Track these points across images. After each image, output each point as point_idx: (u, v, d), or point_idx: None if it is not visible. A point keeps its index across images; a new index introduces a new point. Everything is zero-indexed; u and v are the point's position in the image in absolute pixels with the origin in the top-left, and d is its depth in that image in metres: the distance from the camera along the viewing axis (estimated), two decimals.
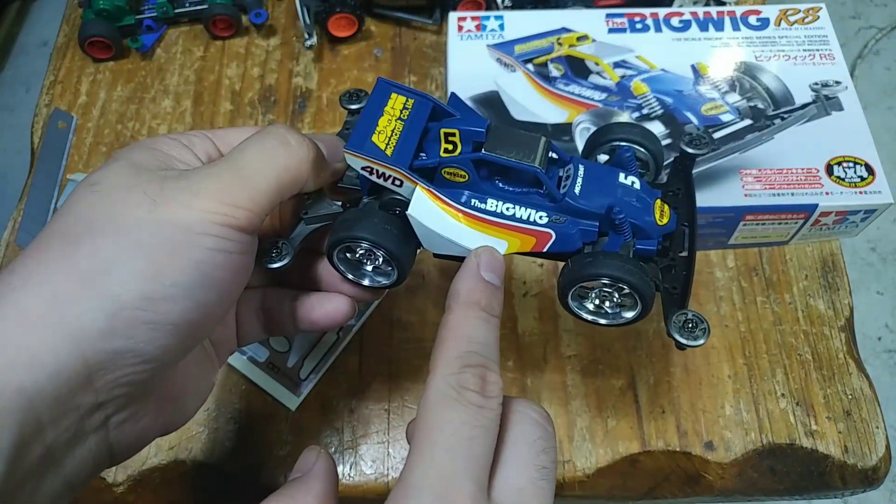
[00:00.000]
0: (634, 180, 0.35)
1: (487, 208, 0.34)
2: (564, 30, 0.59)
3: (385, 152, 0.33)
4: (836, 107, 0.54)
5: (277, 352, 0.51)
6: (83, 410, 0.26)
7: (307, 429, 0.49)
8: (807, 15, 0.59)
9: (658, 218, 0.34)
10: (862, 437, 0.48)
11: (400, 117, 0.34)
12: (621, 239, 0.33)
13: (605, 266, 0.31)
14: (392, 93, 0.35)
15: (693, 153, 0.38)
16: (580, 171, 0.35)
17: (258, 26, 0.67)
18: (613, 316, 0.34)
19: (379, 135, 0.33)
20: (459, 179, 0.34)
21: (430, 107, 0.35)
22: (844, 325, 0.52)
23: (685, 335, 0.32)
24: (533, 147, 0.34)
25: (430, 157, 0.34)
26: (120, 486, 0.47)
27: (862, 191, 0.50)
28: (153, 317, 0.27)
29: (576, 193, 0.34)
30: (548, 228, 0.34)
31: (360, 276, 0.37)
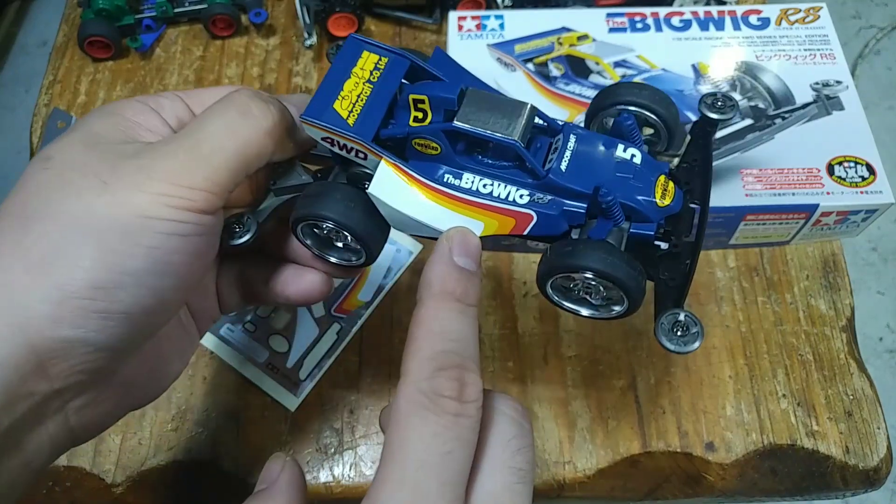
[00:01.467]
0: (635, 153, 0.31)
1: (462, 185, 0.31)
2: (565, 29, 0.59)
3: (347, 121, 0.29)
4: (837, 106, 0.53)
5: (277, 352, 0.51)
6: (39, 397, 0.26)
7: (307, 429, 0.48)
8: (807, 14, 0.58)
9: (659, 197, 0.30)
10: (863, 437, 0.48)
11: (369, 79, 0.30)
12: (610, 223, 0.29)
13: (584, 257, 0.28)
14: (364, 50, 0.31)
15: (715, 118, 0.33)
16: (570, 143, 0.31)
17: (258, 26, 0.67)
18: (600, 308, 0.31)
19: (342, 100, 0.30)
20: (431, 152, 0.30)
21: (405, 66, 0.31)
22: (845, 325, 0.52)
23: (674, 340, 0.28)
24: (514, 115, 0.29)
25: (399, 127, 0.31)
26: (119, 487, 0.47)
27: (863, 191, 0.50)
28: (103, 305, 0.26)
29: (561, 170, 0.30)
30: (529, 209, 0.30)
31: (328, 253, 0.34)
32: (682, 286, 0.30)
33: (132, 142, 0.29)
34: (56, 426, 0.27)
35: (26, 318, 0.25)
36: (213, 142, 0.28)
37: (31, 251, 0.26)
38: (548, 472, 0.47)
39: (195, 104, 0.32)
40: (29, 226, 0.26)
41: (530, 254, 0.54)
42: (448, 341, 0.27)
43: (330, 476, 0.47)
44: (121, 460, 0.47)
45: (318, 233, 0.33)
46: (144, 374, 0.31)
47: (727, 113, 0.32)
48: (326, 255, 0.35)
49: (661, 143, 0.34)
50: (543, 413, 0.48)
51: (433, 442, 0.24)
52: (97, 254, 0.26)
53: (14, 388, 0.25)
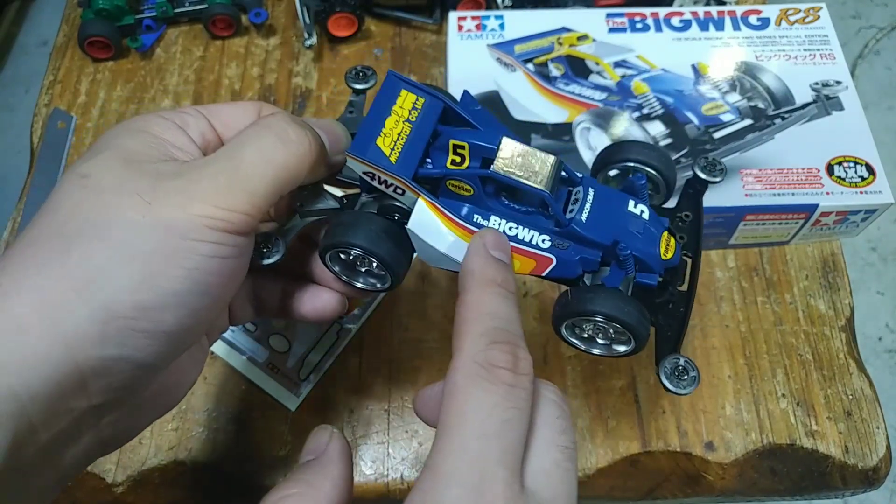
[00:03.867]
0: (644, 209, 0.34)
1: (490, 226, 0.33)
2: (564, 29, 0.59)
3: (389, 159, 0.31)
4: (837, 107, 0.54)
5: (277, 352, 0.51)
6: (77, 413, 0.26)
7: (307, 429, 0.48)
8: (807, 14, 0.58)
9: (663, 252, 0.32)
10: (862, 437, 0.48)
11: (408, 119, 0.32)
12: (623, 273, 0.32)
13: (604, 305, 0.30)
14: (402, 89, 0.33)
15: (706, 180, 0.36)
16: (589, 196, 0.33)
17: (258, 26, 0.67)
18: (605, 347, 0.34)
19: (384, 138, 0.32)
20: (464, 193, 0.33)
21: (440, 108, 0.33)
22: (845, 325, 0.52)
23: (674, 382, 0.31)
24: (543, 167, 0.32)
25: (436, 167, 0.33)
26: (119, 487, 0.47)
27: (862, 191, 0.50)
28: (146, 325, 0.26)
29: (582, 220, 0.32)
30: (549, 253, 0.32)
31: (353, 278, 0.36)
32: (679, 332, 0.33)
33: (167, 160, 0.29)
34: (90, 439, 0.28)
35: (73, 336, 0.25)
36: (252, 166, 0.29)
37: (76, 271, 0.26)
38: None
39: (217, 121, 0.33)
40: (72, 245, 0.26)
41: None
42: (498, 319, 0.27)
43: None
44: (121, 460, 0.47)
45: (343, 258, 0.35)
46: (166, 387, 0.32)
47: (717, 176, 0.37)
48: (353, 282, 0.36)
49: (660, 197, 0.37)
50: None
51: (493, 411, 0.25)
52: (142, 275, 0.26)
53: (55, 405, 0.25)
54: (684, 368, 0.31)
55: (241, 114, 0.33)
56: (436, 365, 0.50)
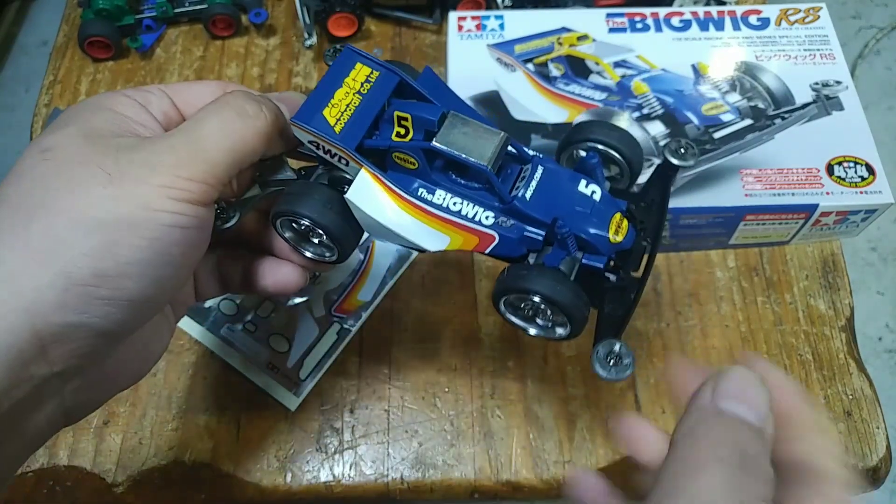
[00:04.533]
0: (595, 189, 0.33)
1: (434, 200, 0.33)
2: (565, 29, 0.59)
3: (334, 129, 0.31)
4: (837, 106, 0.53)
5: (277, 352, 0.51)
6: (38, 380, 0.26)
7: (307, 429, 0.48)
8: (807, 14, 0.58)
9: (612, 234, 0.32)
10: (862, 437, 0.48)
11: (359, 91, 0.32)
12: (563, 253, 0.31)
13: (536, 282, 0.30)
14: (357, 62, 0.33)
15: (676, 164, 0.35)
16: (537, 174, 0.33)
17: (258, 26, 0.67)
18: (544, 329, 0.33)
19: (332, 108, 0.31)
20: (409, 166, 0.33)
21: (394, 82, 0.33)
22: (845, 325, 0.52)
23: (607, 368, 0.30)
24: (488, 142, 0.32)
25: (382, 139, 0.33)
26: (119, 487, 0.47)
27: (862, 191, 0.50)
28: (106, 293, 0.27)
29: (525, 198, 0.32)
30: (492, 230, 0.32)
31: (304, 247, 0.36)
32: (624, 318, 0.32)
33: (127, 135, 0.30)
34: (53, 407, 0.28)
35: (32, 303, 0.25)
36: (211, 138, 0.30)
37: (36, 241, 0.26)
38: (548, 472, 0.47)
39: (179, 100, 0.33)
40: (33, 216, 0.27)
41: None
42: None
43: (330, 475, 0.47)
44: (121, 460, 0.47)
45: (296, 228, 0.35)
46: (131, 358, 0.32)
47: (688, 160, 0.35)
48: (302, 249, 0.36)
49: (623, 181, 0.37)
50: (543, 413, 0.49)
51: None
52: (102, 244, 0.27)
53: (16, 372, 0.25)
54: (619, 354, 0.30)
55: (204, 92, 0.33)
56: (436, 365, 0.50)
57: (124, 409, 0.49)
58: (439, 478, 0.47)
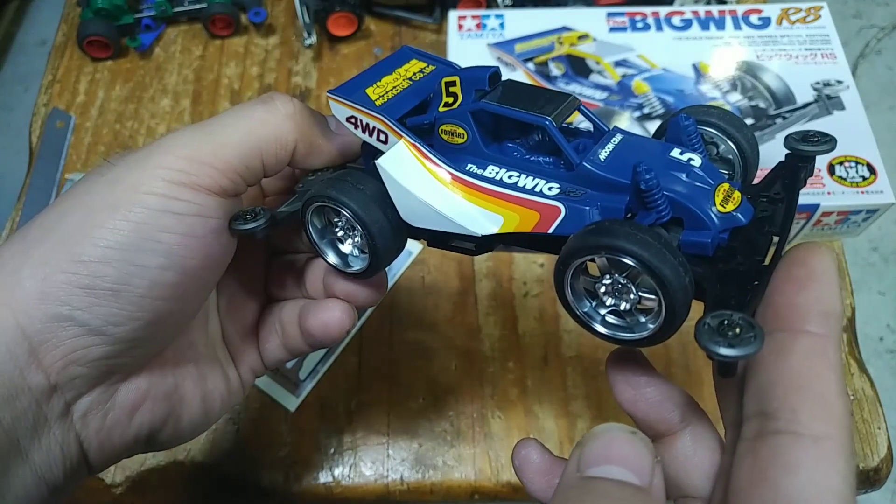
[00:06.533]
0: (693, 157, 0.25)
1: (487, 174, 0.27)
2: (565, 28, 0.58)
3: (374, 102, 0.28)
4: (838, 106, 0.53)
5: None
6: (38, 392, 0.25)
7: (306, 430, 0.48)
8: (808, 14, 0.58)
9: (719, 203, 0.24)
10: (863, 437, 0.48)
11: (410, 78, 0.30)
12: (653, 215, 0.24)
13: (609, 234, 0.22)
14: (413, 58, 0.31)
15: (810, 151, 0.26)
16: (615, 139, 0.27)
17: (257, 25, 0.67)
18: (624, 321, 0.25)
19: (376, 88, 0.29)
20: (458, 140, 0.28)
21: (451, 74, 0.29)
22: (846, 325, 0.52)
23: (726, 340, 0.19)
24: (553, 102, 0.26)
25: (428, 115, 0.29)
26: (119, 487, 0.46)
27: (864, 191, 0.50)
28: (87, 281, 0.25)
29: (599, 159, 0.26)
30: (557, 202, 0.25)
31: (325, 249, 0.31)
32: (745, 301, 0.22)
33: None
34: (62, 433, 0.26)
35: (12, 296, 0.24)
36: (225, 121, 0.28)
37: (30, 234, 0.26)
38: None
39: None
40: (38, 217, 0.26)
41: (530, 254, 0.54)
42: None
43: (330, 476, 0.47)
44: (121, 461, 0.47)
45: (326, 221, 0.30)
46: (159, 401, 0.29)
47: (823, 145, 0.26)
48: (323, 251, 0.31)
49: (735, 177, 0.28)
50: (544, 413, 0.48)
51: None
52: (83, 228, 0.25)
53: (12, 378, 0.24)
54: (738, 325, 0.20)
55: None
56: (436, 365, 0.50)
57: None
58: (439, 479, 0.47)
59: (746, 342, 0.19)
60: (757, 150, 0.28)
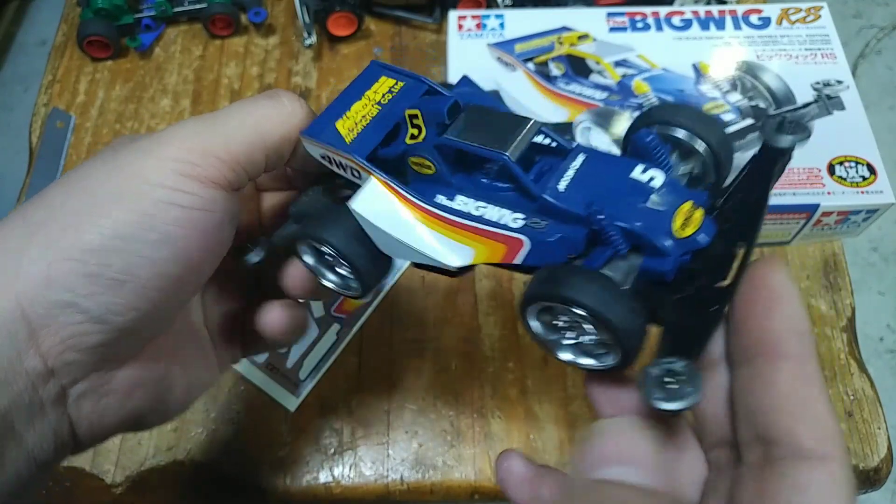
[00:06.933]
0: (655, 175, 0.26)
1: (454, 206, 0.28)
2: (565, 28, 0.58)
3: (344, 139, 0.28)
4: (838, 106, 0.53)
5: (276, 352, 0.50)
6: (34, 376, 0.25)
7: (306, 430, 0.48)
8: (808, 14, 0.58)
9: (678, 227, 0.24)
10: (864, 437, 0.48)
11: (379, 101, 0.29)
12: (609, 251, 0.24)
13: (560, 284, 0.23)
14: (382, 75, 0.30)
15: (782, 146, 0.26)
16: (576, 162, 0.27)
17: (257, 25, 0.67)
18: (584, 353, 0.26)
19: (346, 120, 0.29)
20: (427, 171, 0.28)
21: (422, 90, 0.30)
22: (846, 325, 0.52)
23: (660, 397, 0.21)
24: (513, 131, 0.26)
25: (397, 146, 0.29)
26: (119, 487, 0.46)
27: (864, 191, 0.50)
28: (94, 269, 0.25)
29: (558, 189, 0.26)
30: (521, 234, 0.26)
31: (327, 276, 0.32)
32: (699, 338, 0.23)
33: None
34: (57, 417, 0.27)
35: (17, 278, 0.24)
36: (233, 113, 0.28)
37: (32, 216, 0.26)
38: None
39: None
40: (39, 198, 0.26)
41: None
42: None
43: (330, 476, 0.47)
44: (120, 460, 0.47)
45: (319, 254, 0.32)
46: (150, 387, 0.30)
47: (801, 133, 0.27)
48: (324, 278, 0.32)
49: (708, 176, 0.28)
50: (544, 414, 0.48)
51: None
52: (91, 217, 0.25)
53: (11, 360, 0.24)
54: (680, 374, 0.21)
55: None
56: (436, 365, 0.50)
57: None
58: (439, 479, 0.47)
59: (684, 396, 0.20)
60: (730, 149, 0.28)
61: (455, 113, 0.28)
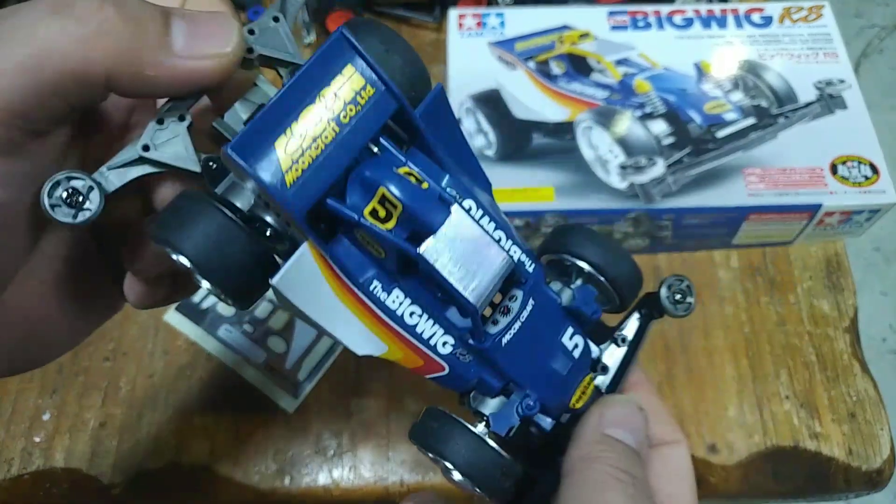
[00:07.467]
0: (578, 343, 0.29)
1: (387, 303, 0.25)
2: (566, 27, 0.58)
3: (284, 178, 0.21)
4: (840, 105, 0.53)
5: (275, 353, 0.50)
6: None
7: (305, 431, 0.48)
8: (810, 13, 0.58)
9: (575, 400, 0.29)
10: (866, 438, 0.47)
11: (338, 117, 0.22)
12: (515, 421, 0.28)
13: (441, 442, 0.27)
14: (349, 63, 0.23)
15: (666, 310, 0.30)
16: (525, 312, 0.27)
17: None
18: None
19: (289, 140, 0.22)
20: (373, 252, 0.24)
21: (391, 110, 0.24)
22: (849, 325, 0.51)
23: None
24: (485, 268, 0.24)
25: (351, 206, 0.23)
26: (116, 489, 0.46)
27: (866, 190, 0.49)
28: None
29: (502, 344, 0.26)
30: (444, 361, 0.26)
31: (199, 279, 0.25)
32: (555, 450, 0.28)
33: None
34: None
35: None
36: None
37: None
38: None
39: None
40: None
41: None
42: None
43: (329, 478, 0.46)
44: (118, 462, 0.47)
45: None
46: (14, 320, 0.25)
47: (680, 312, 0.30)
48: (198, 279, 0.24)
49: (611, 303, 0.31)
50: None
51: None
52: None
53: None
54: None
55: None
56: None
57: (121, 410, 0.49)
58: (439, 480, 0.46)
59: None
60: (634, 279, 0.31)
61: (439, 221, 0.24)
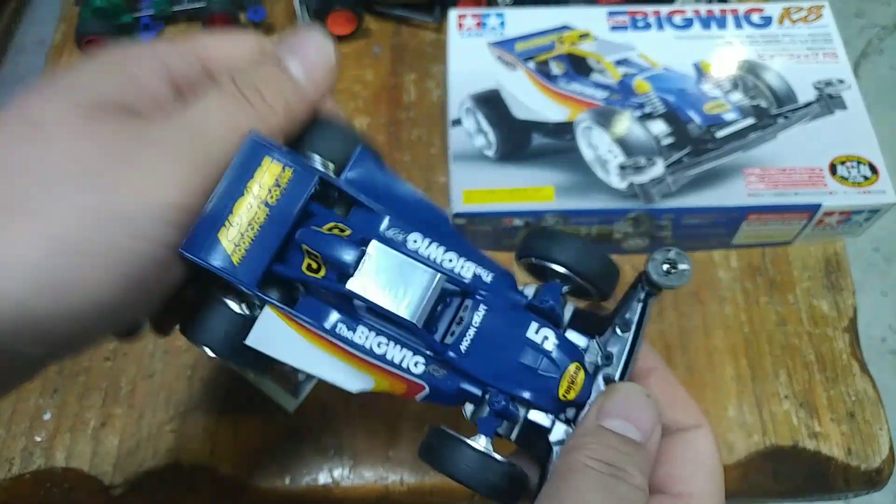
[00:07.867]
0: (548, 335, 0.28)
1: (355, 339, 0.27)
2: (566, 27, 0.58)
3: (231, 258, 0.26)
4: (840, 105, 0.53)
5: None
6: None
7: (306, 431, 0.48)
8: (809, 13, 0.58)
9: (563, 391, 0.27)
10: (866, 438, 0.47)
11: (266, 200, 0.26)
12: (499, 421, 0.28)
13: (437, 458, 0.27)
14: (265, 157, 0.26)
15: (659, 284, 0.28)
16: (477, 317, 0.28)
17: (256, 24, 0.67)
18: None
19: (229, 228, 0.25)
20: (327, 300, 0.28)
21: (311, 182, 0.27)
22: (848, 325, 0.52)
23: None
24: (415, 286, 0.26)
25: (293, 267, 0.27)
26: (117, 489, 0.46)
27: (866, 190, 0.49)
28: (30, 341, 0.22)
29: (461, 351, 0.27)
30: (421, 380, 0.28)
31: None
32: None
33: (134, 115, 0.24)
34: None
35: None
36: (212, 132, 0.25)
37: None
38: None
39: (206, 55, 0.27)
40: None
41: None
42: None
43: (329, 478, 0.47)
44: (119, 462, 0.47)
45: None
46: None
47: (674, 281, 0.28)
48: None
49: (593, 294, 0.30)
50: None
51: None
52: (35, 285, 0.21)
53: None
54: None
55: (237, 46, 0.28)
56: None
57: (121, 410, 0.49)
58: (439, 480, 0.46)
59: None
60: (604, 270, 0.30)
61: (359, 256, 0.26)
